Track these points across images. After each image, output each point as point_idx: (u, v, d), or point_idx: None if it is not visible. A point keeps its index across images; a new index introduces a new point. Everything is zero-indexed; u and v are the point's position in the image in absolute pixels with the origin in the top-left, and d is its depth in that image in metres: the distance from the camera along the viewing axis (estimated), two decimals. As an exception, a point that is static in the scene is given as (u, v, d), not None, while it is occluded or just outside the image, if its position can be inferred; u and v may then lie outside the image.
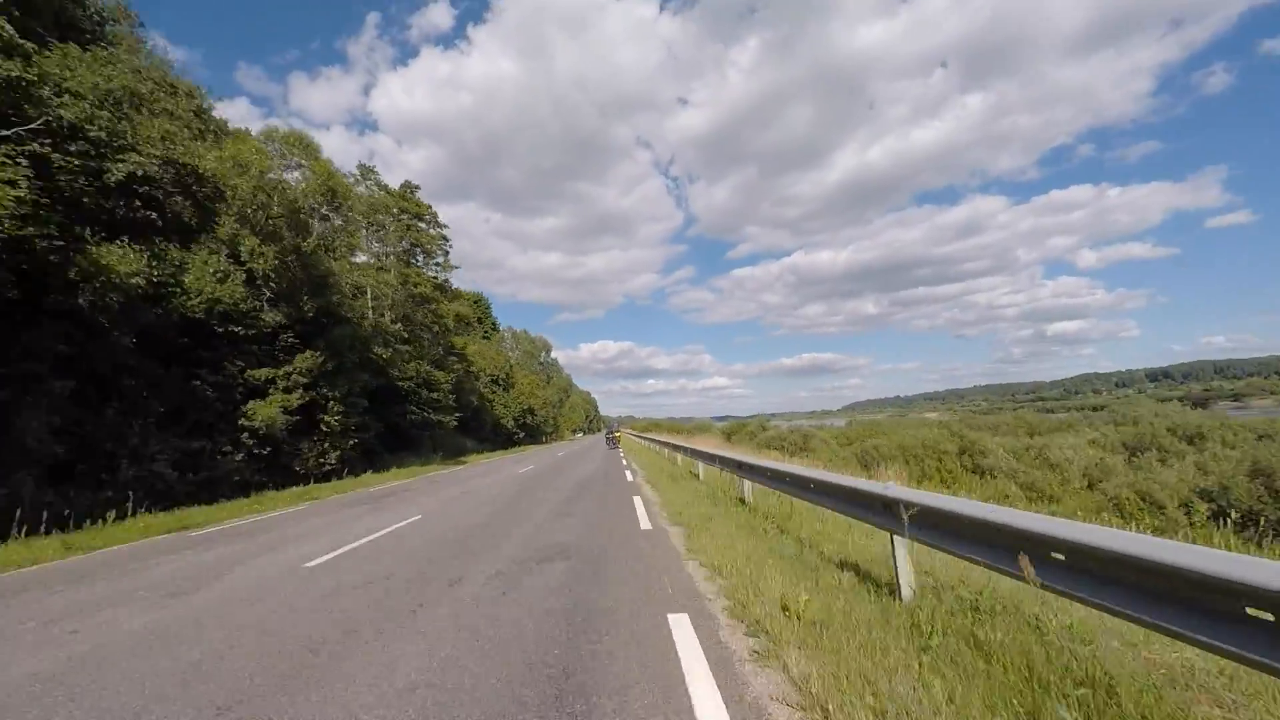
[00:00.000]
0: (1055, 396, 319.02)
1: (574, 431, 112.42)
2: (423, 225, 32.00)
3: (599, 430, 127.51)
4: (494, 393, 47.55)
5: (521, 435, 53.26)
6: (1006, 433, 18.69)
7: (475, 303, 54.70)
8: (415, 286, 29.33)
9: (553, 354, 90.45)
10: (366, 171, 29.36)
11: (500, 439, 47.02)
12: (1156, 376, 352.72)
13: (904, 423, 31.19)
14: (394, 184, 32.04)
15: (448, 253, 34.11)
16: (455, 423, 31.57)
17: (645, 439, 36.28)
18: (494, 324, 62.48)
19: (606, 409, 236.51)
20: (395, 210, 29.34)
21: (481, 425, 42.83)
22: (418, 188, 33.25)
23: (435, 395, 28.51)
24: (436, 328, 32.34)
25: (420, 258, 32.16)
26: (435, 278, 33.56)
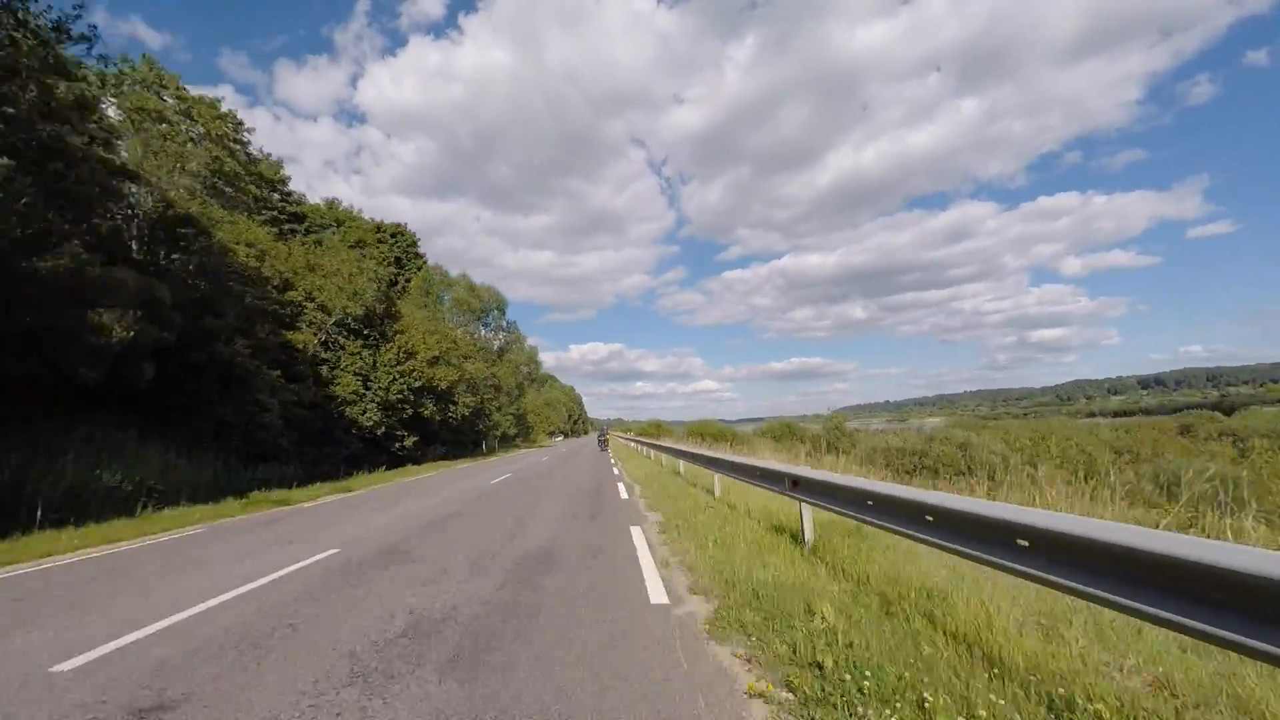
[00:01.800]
0: (1048, 402, 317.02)
1: (552, 434, 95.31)
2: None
3: (587, 432, 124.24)
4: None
5: (408, 444, 25.56)
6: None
7: (394, 235, 37.44)
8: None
9: (512, 319, 57.57)
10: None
11: (364, 450, 22.81)
12: (1148, 383, 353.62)
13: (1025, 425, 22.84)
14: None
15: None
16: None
17: (648, 446, 26.62)
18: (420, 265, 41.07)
19: (595, 412, 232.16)
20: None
21: (330, 427, 20.97)
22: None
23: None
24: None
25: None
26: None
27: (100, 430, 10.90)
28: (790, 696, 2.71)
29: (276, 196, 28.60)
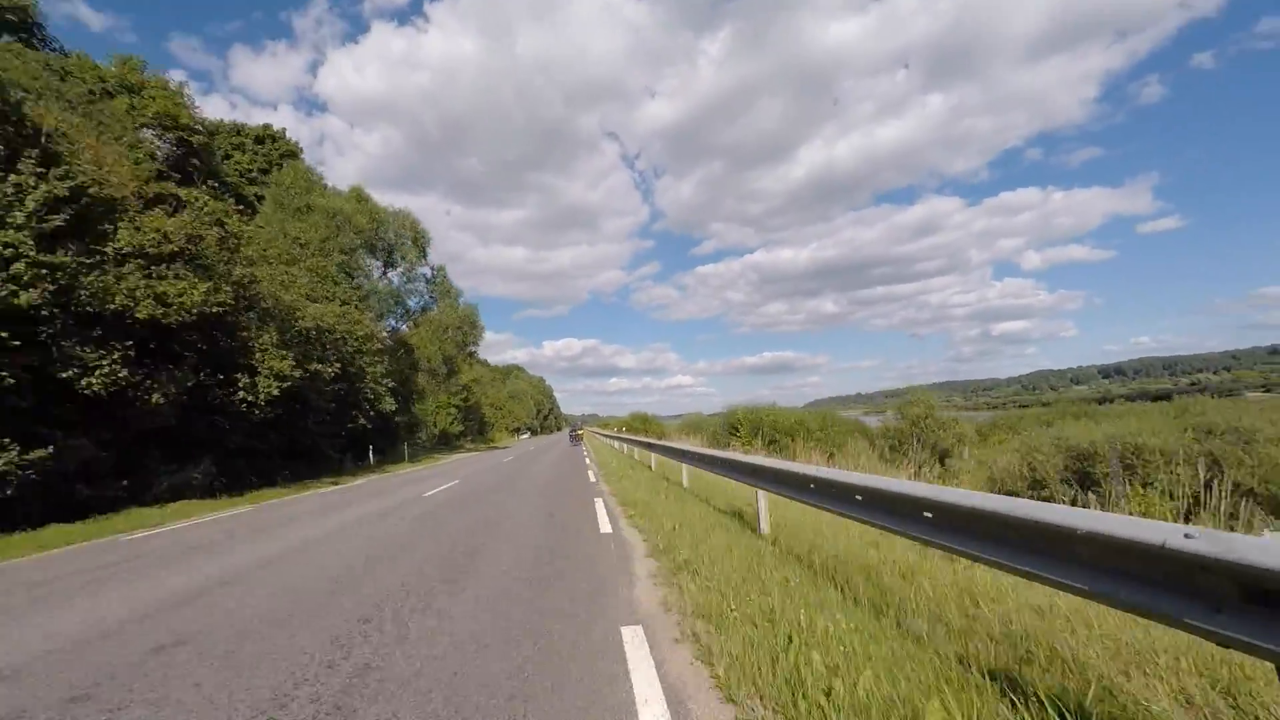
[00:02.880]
0: (1014, 392, 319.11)
1: (517, 430, 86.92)
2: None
3: (559, 429, 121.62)
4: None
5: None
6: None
7: (261, 140, 28.30)
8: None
9: (440, 266, 39.92)
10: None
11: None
12: (1109, 373, 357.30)
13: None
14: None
15: None
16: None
17: (633, 444, 22.23)
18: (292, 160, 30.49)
19: (570, 408, 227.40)
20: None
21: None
22: None
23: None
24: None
25: None
26: None
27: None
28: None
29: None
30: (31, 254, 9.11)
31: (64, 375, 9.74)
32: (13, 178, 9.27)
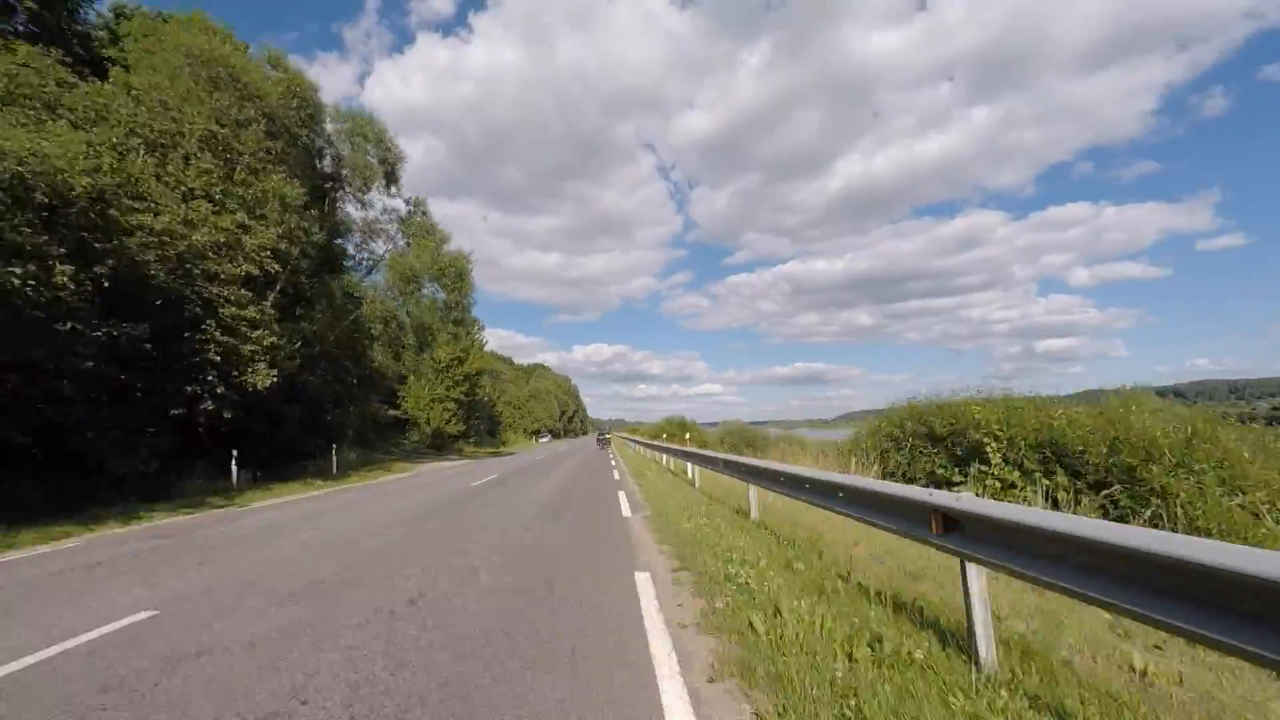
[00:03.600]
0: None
1: (537, 433, 79.96)
2: None
3: (586, 433, 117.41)
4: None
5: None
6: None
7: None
8: None
9: (422, 198, 28.11)
10: None
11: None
12: (1165, 394, 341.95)
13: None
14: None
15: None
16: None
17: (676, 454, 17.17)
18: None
19: (598, 413, 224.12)
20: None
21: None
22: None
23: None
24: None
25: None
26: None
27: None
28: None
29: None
30: None
31: None
32: None
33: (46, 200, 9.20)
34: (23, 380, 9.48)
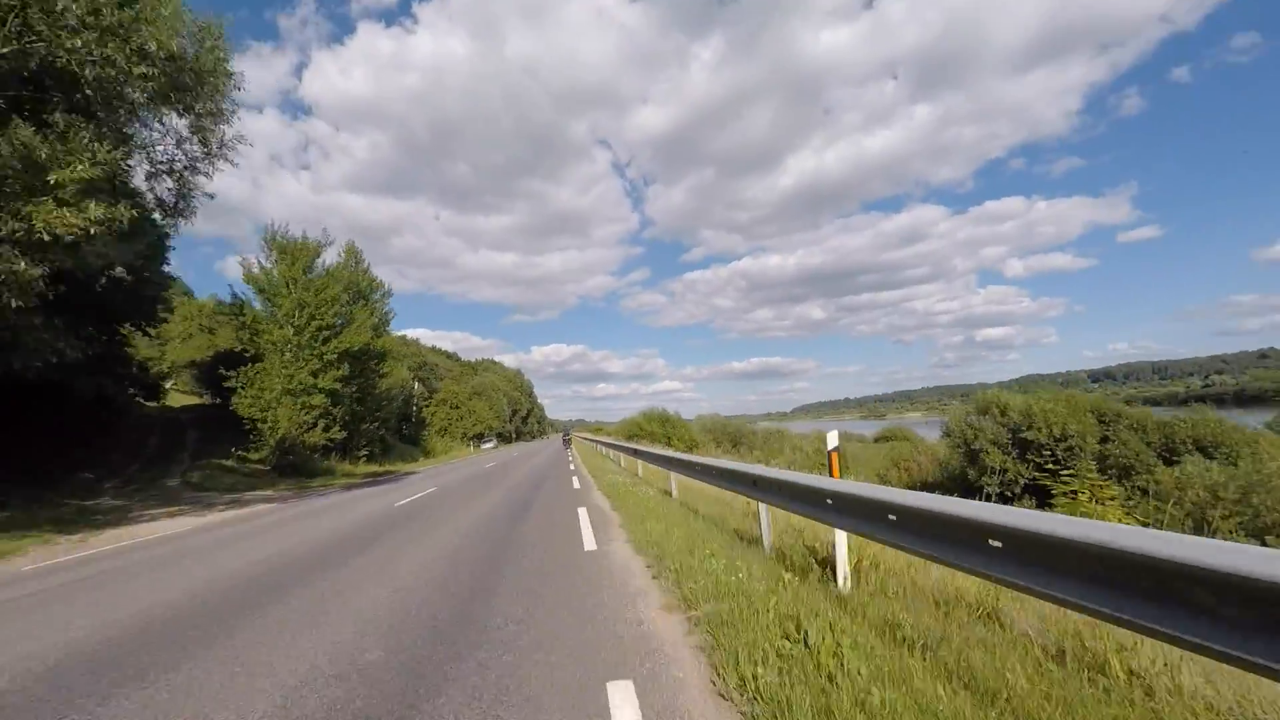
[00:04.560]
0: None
1: (480, 438, 62.22)
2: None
3: (545, 435, 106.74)
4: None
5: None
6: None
7: None
8: None
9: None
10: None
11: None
12: (1099, 377, 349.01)
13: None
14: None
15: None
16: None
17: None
18: None
19: (557, 413, 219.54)
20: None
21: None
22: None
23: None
24: None
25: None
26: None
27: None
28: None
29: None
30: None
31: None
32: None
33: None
34: None
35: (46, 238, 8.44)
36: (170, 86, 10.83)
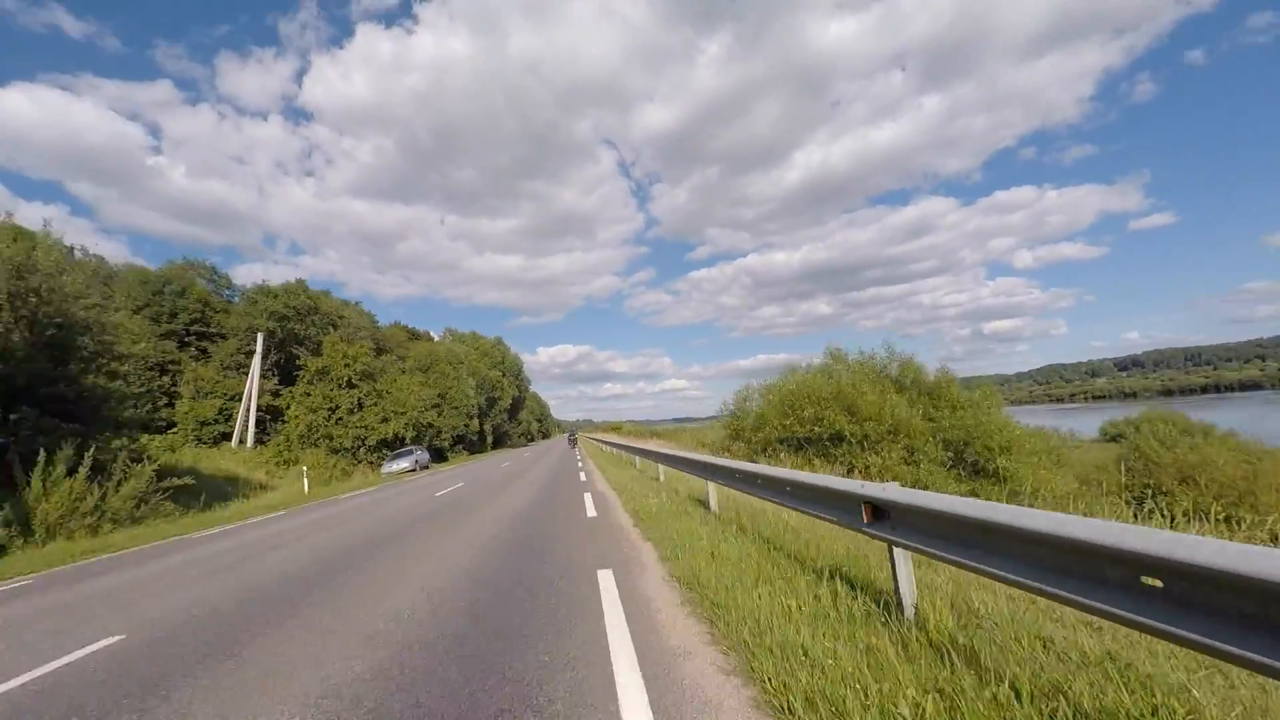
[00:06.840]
0: (1026, 388, 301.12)
1: (394, 453, 31.95)
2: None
3: (549, 436, 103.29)
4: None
5: None
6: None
7: None
8: None
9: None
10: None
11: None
12: (1125, 365, 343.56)
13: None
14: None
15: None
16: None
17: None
18: None
19: (564, 414, 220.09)
20: None
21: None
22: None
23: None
24: None
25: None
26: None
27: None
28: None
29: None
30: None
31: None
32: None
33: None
34: None
35: None
36: None
